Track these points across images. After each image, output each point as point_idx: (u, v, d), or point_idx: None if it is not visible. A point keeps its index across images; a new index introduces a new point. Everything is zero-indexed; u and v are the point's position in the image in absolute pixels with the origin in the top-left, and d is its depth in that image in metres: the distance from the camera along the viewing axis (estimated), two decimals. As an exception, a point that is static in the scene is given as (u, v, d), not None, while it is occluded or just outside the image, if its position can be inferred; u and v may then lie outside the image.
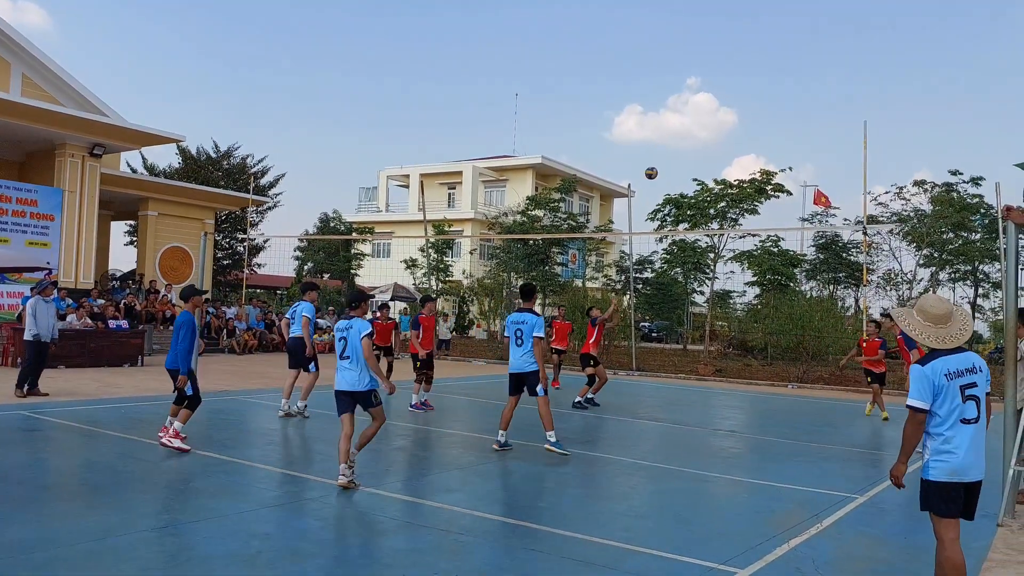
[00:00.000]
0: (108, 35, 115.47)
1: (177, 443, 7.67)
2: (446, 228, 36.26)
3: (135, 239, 31.09)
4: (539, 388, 8.22)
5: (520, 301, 8.84)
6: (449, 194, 47.97)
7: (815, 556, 5.11)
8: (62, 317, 17.52)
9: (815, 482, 7.61)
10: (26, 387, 11.43)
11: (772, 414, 14.03)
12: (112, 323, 18.17)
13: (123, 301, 21.13)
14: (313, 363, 10.64)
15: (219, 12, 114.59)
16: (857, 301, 34.34)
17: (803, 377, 20.96)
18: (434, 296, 14.58)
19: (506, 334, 8.58)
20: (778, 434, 11.00)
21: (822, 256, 32.02)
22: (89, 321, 17.58)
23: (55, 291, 12.08)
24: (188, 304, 7.97)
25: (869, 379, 13.45)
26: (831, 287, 33.06)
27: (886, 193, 29.57)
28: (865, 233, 21.46)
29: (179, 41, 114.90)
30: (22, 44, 21.59)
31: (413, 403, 11.68)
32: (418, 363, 12.04)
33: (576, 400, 12.78)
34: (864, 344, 13.35)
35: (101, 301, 19.90)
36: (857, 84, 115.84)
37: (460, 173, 46.88)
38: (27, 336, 11.69)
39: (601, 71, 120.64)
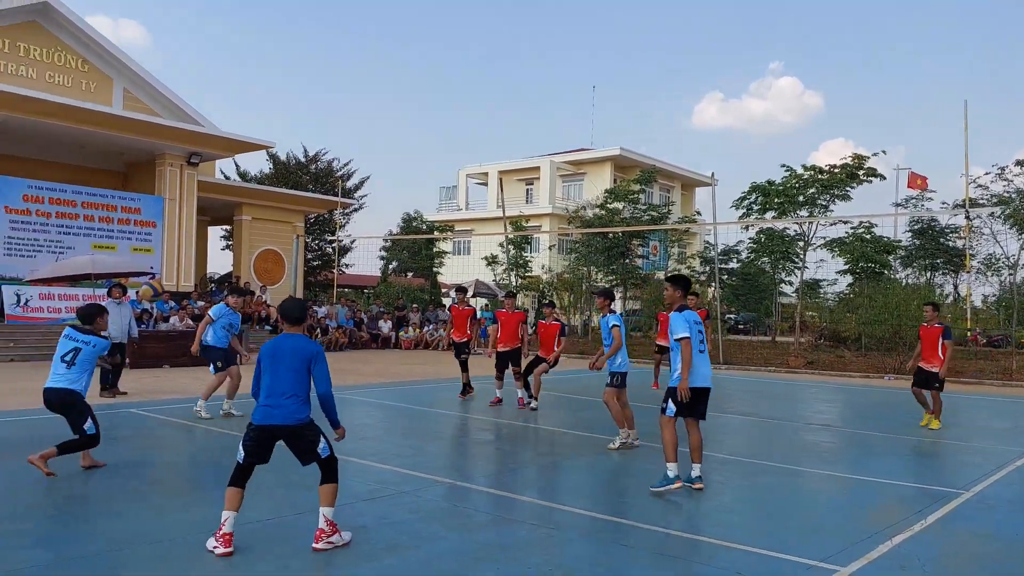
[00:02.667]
0: (200, 47, 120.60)
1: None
2: (524, 224, 36.38)
3: (231, 243, 32.39)
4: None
5: (673, 291, 6.71)
6: (527, 190, 48.08)
7: (920, 554, 4.92)
8: (165, 319, 18.46)
9: (917, 477, 7.32)
10: (108, 387, 11.67)
11: (868, 407, 13.54)
12: (211, 324, 18.97)
13: (239, 302, 22.06)
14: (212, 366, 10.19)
15: (304, 21, 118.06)
16: (957, 288, 32.75)
17: (900, 368, 20.09)
18: (515, 291, 13.95)
19: (682, 335, 6.41)
20: (875, 428, 10.60)
21: (918, 242, 30.64)
22: (190, 322, 18.43)
23: (123, 293, 12.46)
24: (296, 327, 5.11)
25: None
26: (928, 274, 31.61)
27: (986, 174, 28.02)
28: (968, 217, 20.35)
29: (267, 50, 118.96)
30: (123, 60, 22.81)
31: (518, 398, 11.44)
32: (498, 360, 11.68)
33: None
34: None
35: (201, 303, 20.83)
36: (952, 60, 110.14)
37: (538, 168, 46.92)
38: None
39: (679, 59, 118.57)
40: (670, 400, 6.46)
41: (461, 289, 12.94)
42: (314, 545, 4.67)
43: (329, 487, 4.80)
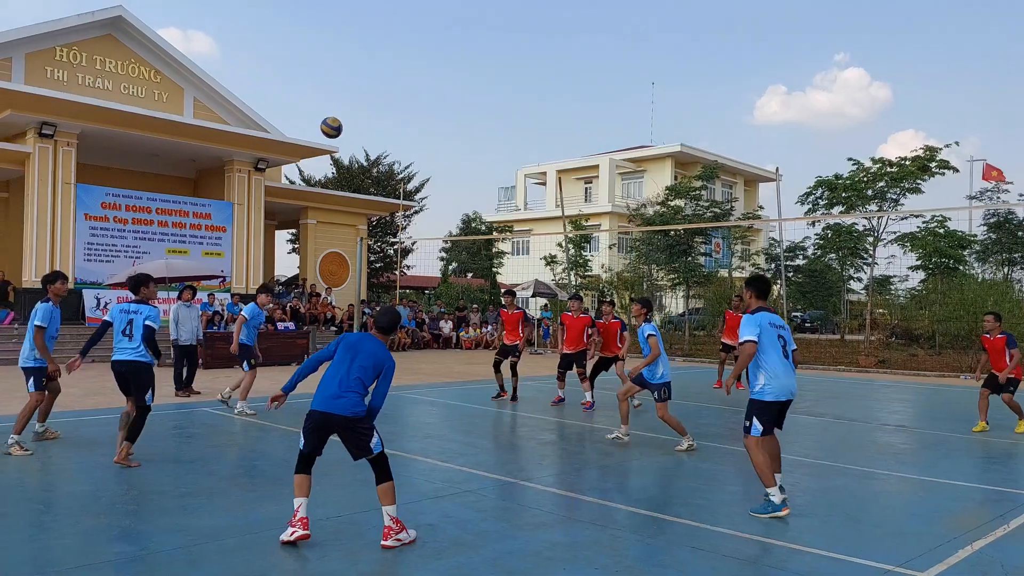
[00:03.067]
0: (264, 55, 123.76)
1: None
2: (583, 223, 36.23)
3: (297, 246, 33.13)
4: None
5: (748, 294, 6.21)
6: (586, 188, 47.90)
7: (1004, 559, 4.73)
8: (235, 320, 18.99)
9: (999, 480, 7.04)
10: (181, 387, 12.25)
11: (944, 407, 13.07)
12: (280, 325, 19.50)
13: (289, 304, 22.61)
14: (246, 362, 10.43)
15: (364, 28, 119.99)
16: (1038, 283, 31.30)
17: (977, 367, 19.34)
18: (580, 294, 13.56)
19: (753, 337, 5.72)
20: (953, 429, 10.23)
21: (995, 235, 29.41)
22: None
23: (193, 295, 12.87)
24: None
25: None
26: (1006, 269, 30.30)
27: (1070, 163, 26.76)
28: (1049, 208, 19.41)
29: (329, 57, 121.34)
30: (193, 70, 23.59)
31: (583, 402, 11.36)
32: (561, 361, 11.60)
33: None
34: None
35: (269, 305, 21.38)
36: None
37: (596, 167, 46.69)
38: (172, 340, 12.39)
39: (740, 53, 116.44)
40: (754, 418, 5.71)
41: (510, 292, 12.82)
42: (383, 543, 4.76)
43: (386, 486, 4.87)
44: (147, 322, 7.11)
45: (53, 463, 7.11)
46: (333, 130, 12.54)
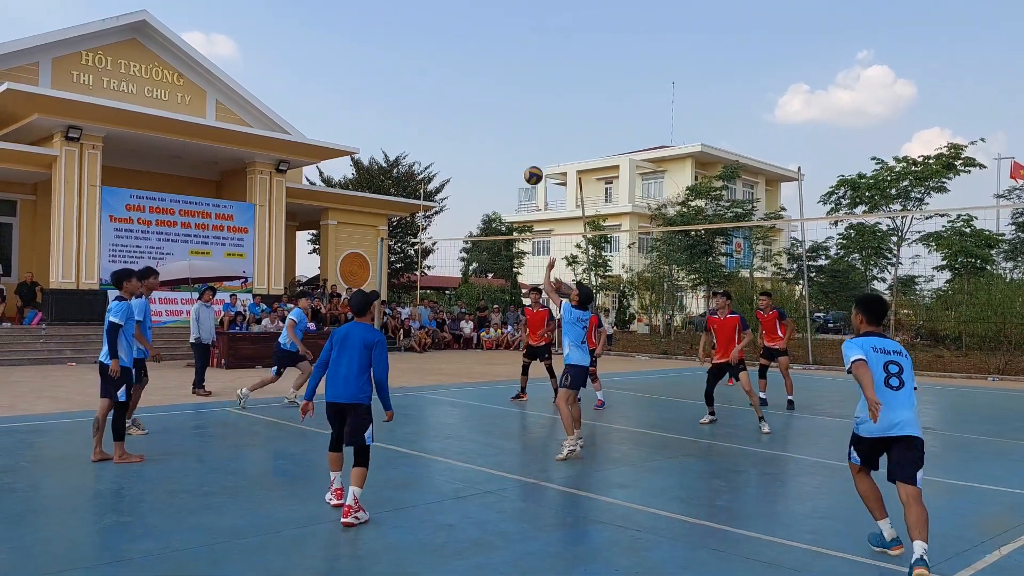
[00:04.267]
0: (286, 58, 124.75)
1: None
2: (602, 223, 36.12)
3: (317, 247, 33.34)
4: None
5: (855, 315, 5.15)
6: (606, 189, 47.80)
7: (1033, 566, 4.65)
8: (257, 321, 19.15)
9: (1028, 484, 6.91)
10: (194, 387, 12.31)
11: (971, 409, 12.88)
12: (300, 325, 19.59)
13: (310, 305, 22.73)
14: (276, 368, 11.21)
15: (383, 30, 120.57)
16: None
17: (1005, 369, 19.06)
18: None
19: (855, 358, 4.74)
20: (980, 431, 10.07)
21: (1023, 235, 28.97)
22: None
23: (213, 296, 12.95)
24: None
25: None
26: (1035, 269, 29.84)
27: (1101, 160, 26.29)
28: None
29: (349, 59, 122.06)
30: (215, 73, 23.82)
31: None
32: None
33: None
34: None
35: (290, 305, 21.52)
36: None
37: (617, 167, 46.58)
38: (191, 339, 12.44)
39: (761, 51, 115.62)
40: (852, 448, 5.03)
41: (536, 290, 12.42)
42: (343, 519, 5.18)
43: (360, 470, 5.39)
44: (110, 318, 7.15)
45: (79, 462, 7.19)
46: (534, 177, 13.69)
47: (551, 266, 8.93)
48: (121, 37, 22.18)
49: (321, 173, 40.42)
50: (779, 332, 11.99)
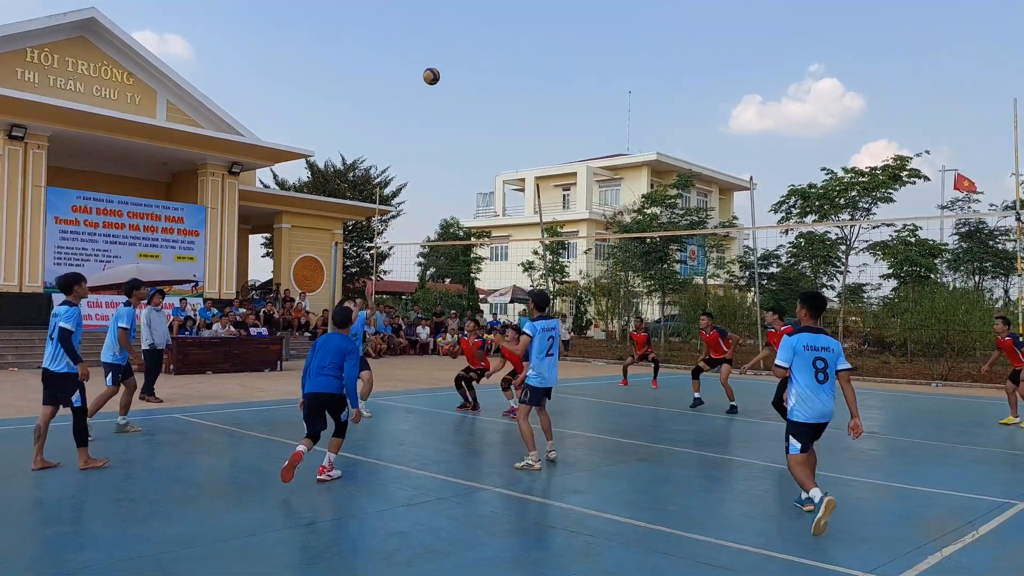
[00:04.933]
0: (241, 59, 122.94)
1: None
2: (559, 230, 36.31)
3: (271, 251, 32.88)
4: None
5: (799, 309, 6.13)
6: (564, 195, 48.04)
7: (971, 566, 4.79)
8: (208, 325, 18.79)
9: (967, 487, 7.12)
10: (144, 394, 11.68)
11: (916, 414, 13.23)
12: (253, 330, 19.31)
13: (262, 310, 22.40)
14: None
15: (340, 34, 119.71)
16: (1007, 292, 31.86)
17: (948, 374, 19.64)
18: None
19: (779, 364, 5.88)
20: (924, 435, 10.36)
21: (965, 245, 29.91)
22: (232, 329, 18.74)
23: (163, 300, 12.59)
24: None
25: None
26: (976, 278, 30.83)
27: (1039, 173, 27.28)
28: (1019, 219, 19.83)
29: (305, 62, 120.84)
30: (166, 73, 23.33)
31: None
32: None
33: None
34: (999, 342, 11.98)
35: (243, 310, 21.16)
36: (999, 57, 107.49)
37: (574, 174, 46.86)
38: (144, 346, 11.82)
39: (716, 63, 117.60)
40: (791, 438, 5.74)
41: (474, 320, 12.47)
42: (318, 477, 6.53)
43: (338, 440, 6.68)
44: (61, 324, 6.94)
45: (20, 470, 6.96)
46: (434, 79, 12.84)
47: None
48: (69, 35, 21.60)
49: (275, 176, 39.85)
50: (724, 348, 12.87)
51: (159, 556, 4.60)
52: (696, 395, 12.71)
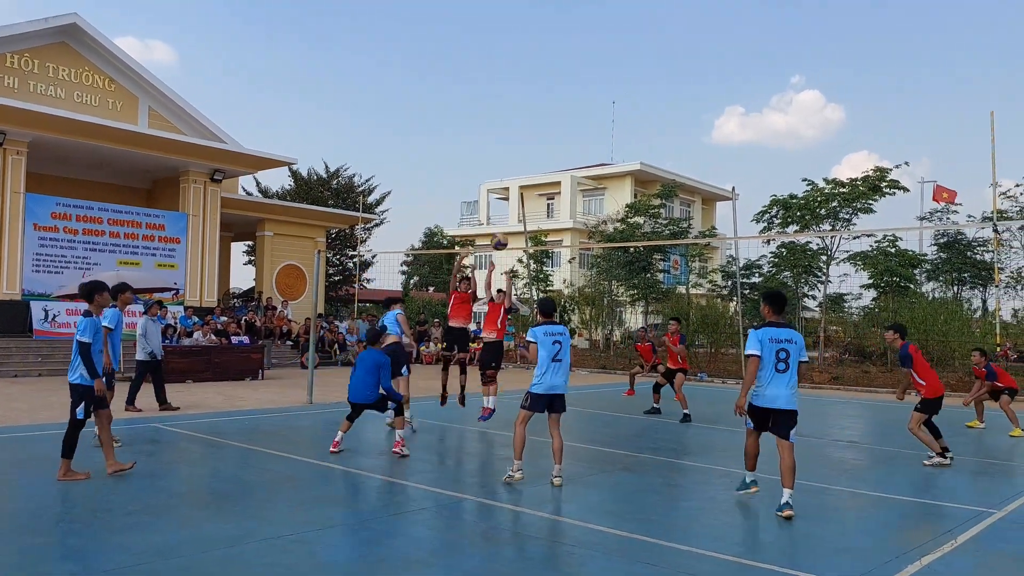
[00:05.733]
0: (225, 66, 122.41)
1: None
2: (543, 239, 36.37)
3: (253, 258, 32.72)
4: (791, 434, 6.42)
5: (763, 307, 6.74)
6: (548, 204, 48.14)
7: (951, 574, 4.83)
8: (188, 334, 18.63)
9: (947, 496, 7.18)
10: (158, 404, 11.94)
11: (896, 424, 13.30)
12: (234, 339, 19.15)
13: (244, 318, 22.23)
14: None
15: (326, 41, 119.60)
16: (985, 302, 32.24)
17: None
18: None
19: (750, 352, 6.41)
20: (903, 444, 10.42)
21: (944, 255, 30.25)
22: (213, 337, 18.58)
23: (160, 310, 12.54)
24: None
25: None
26: (955, 288, 31.18)
27: (1017, 186, 27.70)
28: (996, 230, 20.07)
29: (290, 70, 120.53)
30: (148, 79, 23.19)
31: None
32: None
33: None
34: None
35: (224, 318, 20.99)
36: (978, 70, 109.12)
37: (558, 183, 46.98)
38: (141, 356, 11.82)
39: (699, 74, 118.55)
40: (746, 416, 6.58)
41: (466, 278, 11.63)
42: (393, 450, 8.35)
43: (400, 419, 8.66)
44: (77, 337, 6.83)
45: (-7, 481, 6.86)
46: (500, 245, 12.18)
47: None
48: (50, 40, 21.42)
49: (258, 183, 39.73)
50: (681, 358, 12.76)
51: (138, 567, 4.54)
52: (656, 405, 13.12)
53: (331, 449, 8.34)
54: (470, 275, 12.35)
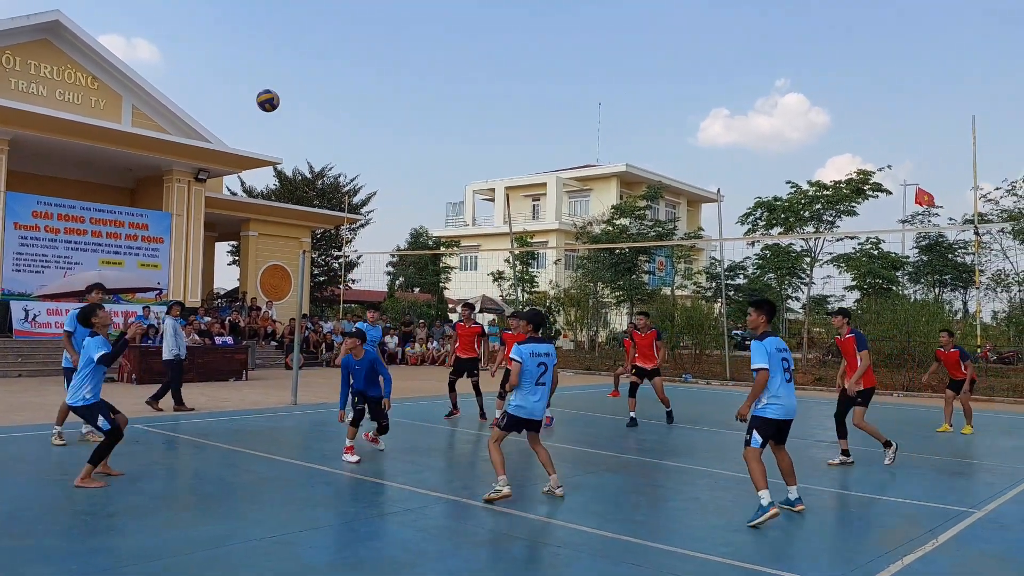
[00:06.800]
0: (210, 65, 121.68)
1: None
2: (529, 240, 36.40)
3: (237, 259, 32.53)
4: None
5: (756, 316, 6.40)
6: (534, 205, 48.19)
7: (933, 573, 4.86)
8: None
9: (927, 496, 7.24)
10: (173, 404, 12.10)
11: (877, 424, 13.40)
12: (218, 339, 19.02)
13: (228, 318, 22.09)
14: None
15: (311, 41, 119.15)
16: (966, 304, 32.59)
17: (909, 385, 19.99)
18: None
19: (758, 366, 6.17)
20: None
21: (926, 258, 30.55)
22: (197, 338, 18.44)
23: (181, 310, 12.80)
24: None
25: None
26: (936, 290, 31.50)
27: (996, 189, 28.02)
28: (977, 233, 20.28)
29: (275, 69, 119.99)
30: (132, 77, 23.00)
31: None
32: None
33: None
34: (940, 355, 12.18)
35: (208, 319, 20.85)
36: (960, 74, 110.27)
37: (544, 184, 47.04)
38: (169, 355, 12.01)
39: (685, 76, 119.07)
40: (755, 432, 6.11)
41: (468, 305, 12.48)
42: (366, 436, 8.63)
43: (383, 433, 8.57)
44: (91, 355, 6.77)
45: (-29, 483, 6.77)
46: (269, 104, 11.44)
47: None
48: (32, 37, 21.20)
49: (243, 183, 39.50)
50: (655, 354, 12.00)
51: (117, 569, 4.49)
52: (632, 414, 11.73)
53: (346, 458, 7.96)
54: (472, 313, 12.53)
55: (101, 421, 6.82)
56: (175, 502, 6.30)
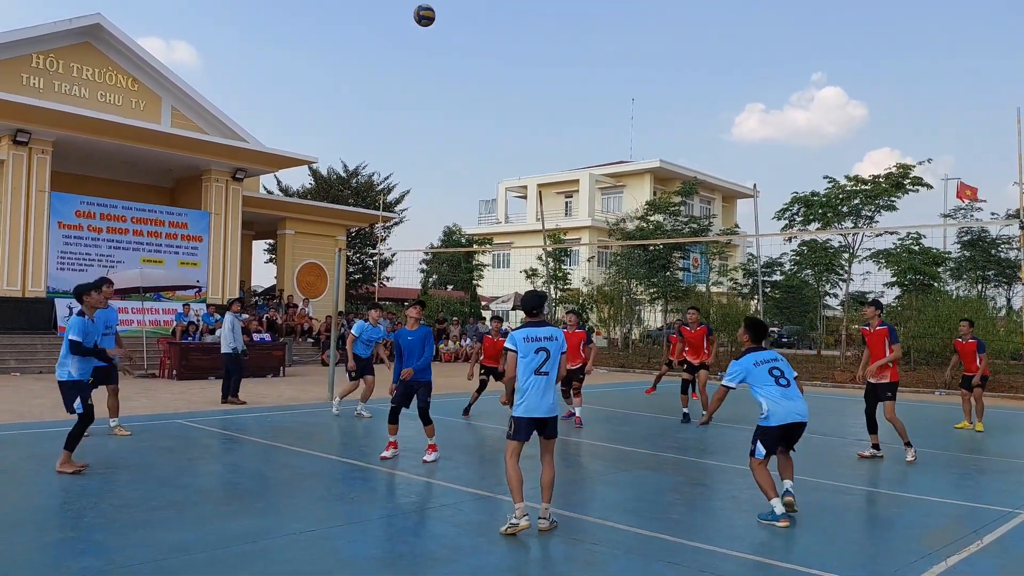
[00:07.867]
0: (247, 66, 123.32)
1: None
2: (562, 237, 36.32)
3: (274, 257, 32.94)
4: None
5: (742, 334, 6.66)
6: (566, 203, 48.09)
7: (977, 575, 4.76)
8: (211, 331, 18.81)
9: (972, 496, 7.09)
10: (229, 396, 12.59)
11: (919, 423, 13.15)
12: (256, 336, 19.29)
13: (265, 315, 22.39)
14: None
15: (345, 41, 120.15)
16: (1010, 301, 31.80)
17: (952, 383, 19.54)
18: (576, 309, 13.76)
19: (731, 385, 6.30)
20: (927, 444, 10.29)
21: (968, 253, 29.87)
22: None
23: (239, 307, 13.32)
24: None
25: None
26: (980, 286, 30.79)
27: (1041, 183, 27.27)
28: (1022, 227, 19.77)
29: (310, 69, 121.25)
30: (171, 79, 23.43)
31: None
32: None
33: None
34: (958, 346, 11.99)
35: (245, 316, 21.13)
36: (1003, 65, 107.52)
37: (577, 181, 46.92)
38: (227, 349, 12.49)
39: (719, 71, 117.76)
40: (758, 442, 6.06)
41: (497, 318, 12.63)
42: (424, 458, 7.94)
43: (430, 427, 8.13)
44: (69, 336, 6.94)
45: (21, 476, 6.95)
46: (428, 20, 11.47)
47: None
48: (74, 40, 21.69)
49: (279, 182, 39.98)
50: (706, 350, 11.89)
51: (159, 562, 4.59)
52: (685, 410, 11.93)
53: (384, 454, 8.04)
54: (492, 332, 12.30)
55: (77, 403, 6.97)
56: (214, 496, 6.41)
